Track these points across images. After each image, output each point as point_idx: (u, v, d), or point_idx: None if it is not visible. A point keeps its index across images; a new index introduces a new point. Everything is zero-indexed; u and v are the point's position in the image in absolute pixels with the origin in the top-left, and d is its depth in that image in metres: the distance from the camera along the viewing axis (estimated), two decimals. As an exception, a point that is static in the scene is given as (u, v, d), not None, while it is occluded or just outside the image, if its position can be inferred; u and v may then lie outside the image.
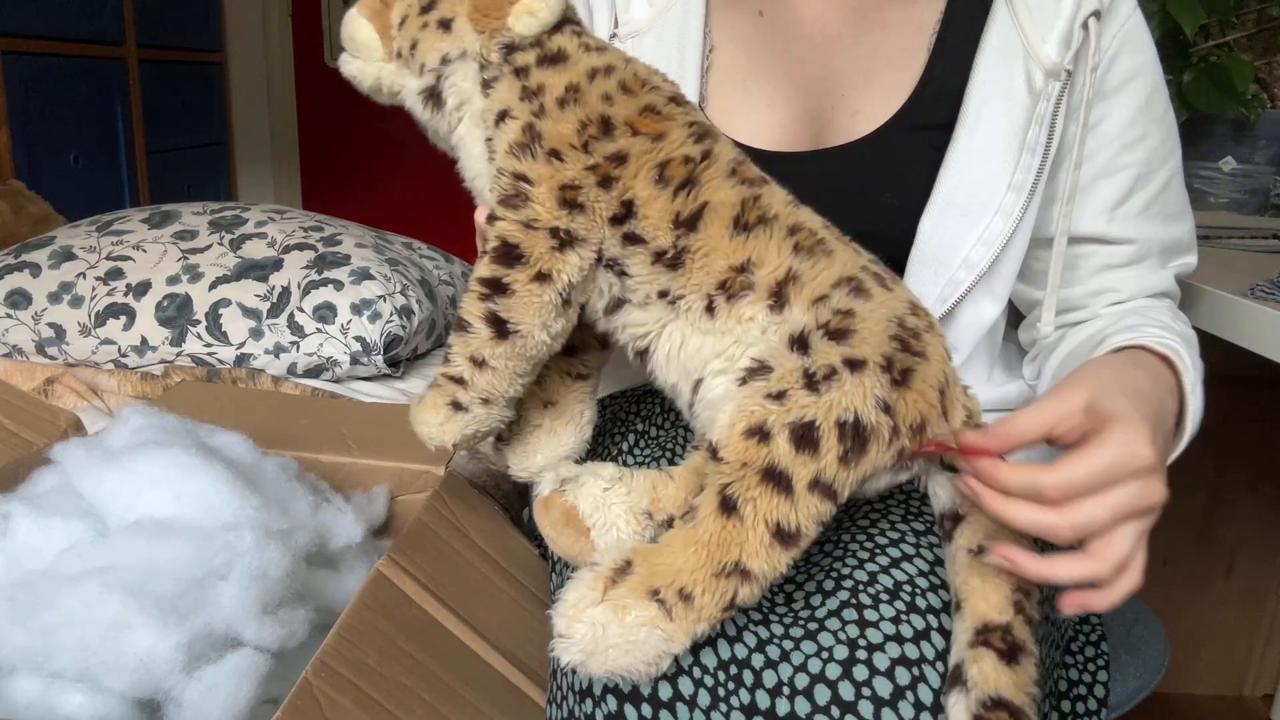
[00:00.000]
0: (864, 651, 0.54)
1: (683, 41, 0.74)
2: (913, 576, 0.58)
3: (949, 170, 0.68)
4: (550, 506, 0.61)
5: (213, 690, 0.52)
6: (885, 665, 0.53)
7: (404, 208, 2.97)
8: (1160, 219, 0.73)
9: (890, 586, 0.57)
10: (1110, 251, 0.72)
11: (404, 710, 0.54)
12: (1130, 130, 0.70)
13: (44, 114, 1.96)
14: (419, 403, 0.62)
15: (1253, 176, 1.29)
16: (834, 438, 0.50)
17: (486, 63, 0.60)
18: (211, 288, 1.28)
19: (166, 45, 2.45)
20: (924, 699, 0.52)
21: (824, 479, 0.50)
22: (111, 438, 0.68)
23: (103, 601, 0.53)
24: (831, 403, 0.50)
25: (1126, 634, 0.82)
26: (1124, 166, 0.71)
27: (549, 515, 0.61)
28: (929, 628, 0.55)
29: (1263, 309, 0.77)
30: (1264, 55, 1.28)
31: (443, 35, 0.60)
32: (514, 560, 0.74)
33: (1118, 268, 0.73)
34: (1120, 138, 0.71)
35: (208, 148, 2.73)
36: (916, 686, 0.52)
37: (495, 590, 0.70)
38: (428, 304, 1.37)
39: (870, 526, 0.64)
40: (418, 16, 0.61)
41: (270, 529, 0.61)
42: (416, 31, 0.61)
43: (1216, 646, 1.59)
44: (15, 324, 1.26)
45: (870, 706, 0.51)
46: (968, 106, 0.68)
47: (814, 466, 0.50)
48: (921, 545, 0.61)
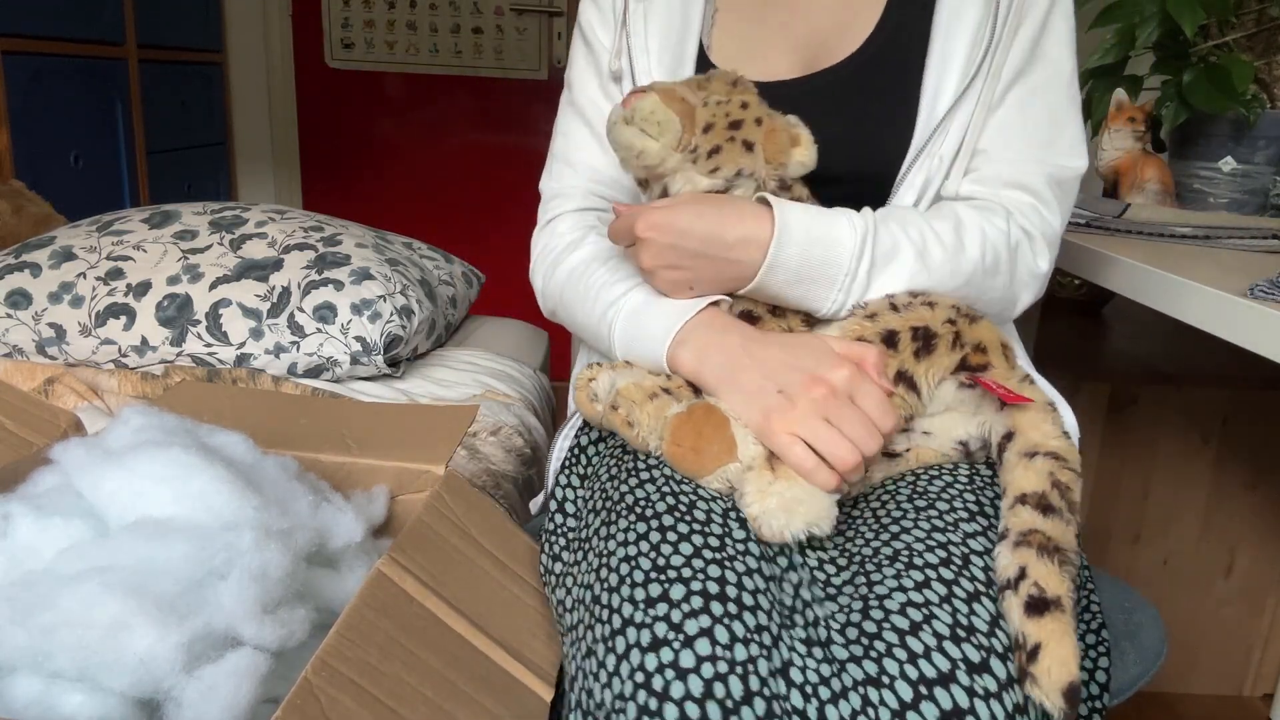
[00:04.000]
0: (875, 599, 0.61)
1: (687, 5, 0.86)
2: (910, 544, 0.64)
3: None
4: (711, 414, 0.68)
5: (213, 690, 0.52)
6: (896, 606, 0.59)
7: (404, 208, 2.97)
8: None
9: (890, 555, 0.64)
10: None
11: (407, 707, 0.54)
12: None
13: (44, 114, 1.96)
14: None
15: (1252, 176, 1.29)
16: (909, 338, 0.69)
17: (763, 185, 0.74)
18: (212, 288, 1.28)
19: (166, 45, 2.45)
20: (941, 631, 0.57)
21: (904, 371, 0.69)
22: (111, 438, 0.68)
23: (102, 601, 0.53)
24: (907, 317, 0.70)
25: (1126, 621, 0.82)
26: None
27: (709, 421, 0.67)
28: (928, 579, 0.61)
29: (1263, 309, 0.77)
30: (1264, 55, 1.28)
31: (745, 154, 0.73)
32: (516, 557, 0.74)
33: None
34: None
35: (208, 148, 2.73)
36: (930, 623, 0.58)
37: (498, 586, 0.70)
38: (428, 304, 1.37)
39: (880, 509, 0.70)
40: (725, 130, 0.73)
41: (270, 529, 0.61)
42: (723, 141, 0.73)
43: (1216, 646, 1.59)
44: (15, 324, 1.26)
45: (894, 635, 0.58)
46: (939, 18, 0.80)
47: (896, 363, 0.69)
48: (920, 519, 0.66)
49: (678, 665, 0.55)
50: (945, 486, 0.70)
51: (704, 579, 0.59)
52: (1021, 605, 0.58)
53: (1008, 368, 0.71)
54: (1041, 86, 0.81)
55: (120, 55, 2.23)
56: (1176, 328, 0.94)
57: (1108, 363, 1.54)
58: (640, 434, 0.70)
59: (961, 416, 0.72)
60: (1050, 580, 0.59)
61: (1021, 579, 0.59)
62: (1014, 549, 0.61)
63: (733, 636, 0.56)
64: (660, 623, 0.57)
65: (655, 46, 0.86)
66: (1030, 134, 0.81)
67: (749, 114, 0.73)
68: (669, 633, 0.57)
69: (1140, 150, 1.40)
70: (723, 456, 0.66)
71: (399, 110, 2.94)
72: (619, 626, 0.59)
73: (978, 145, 0.81)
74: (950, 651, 0.57)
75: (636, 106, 0.72)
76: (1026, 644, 0.57)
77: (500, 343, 1.60)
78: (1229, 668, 1.60)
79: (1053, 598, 0.58)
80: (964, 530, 0.65)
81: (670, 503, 0.65)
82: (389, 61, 2.90)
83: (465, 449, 1.16)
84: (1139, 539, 1.52)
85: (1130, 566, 1.53)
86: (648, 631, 0.57)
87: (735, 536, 0.63)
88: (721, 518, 0.64)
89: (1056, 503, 0.63)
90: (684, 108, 0.72)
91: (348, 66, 2.91)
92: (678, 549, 0.61)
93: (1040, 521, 0.62)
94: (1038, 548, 0.60)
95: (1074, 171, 0.83)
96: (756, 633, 0.57)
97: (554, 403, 1.61)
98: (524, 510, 1.18)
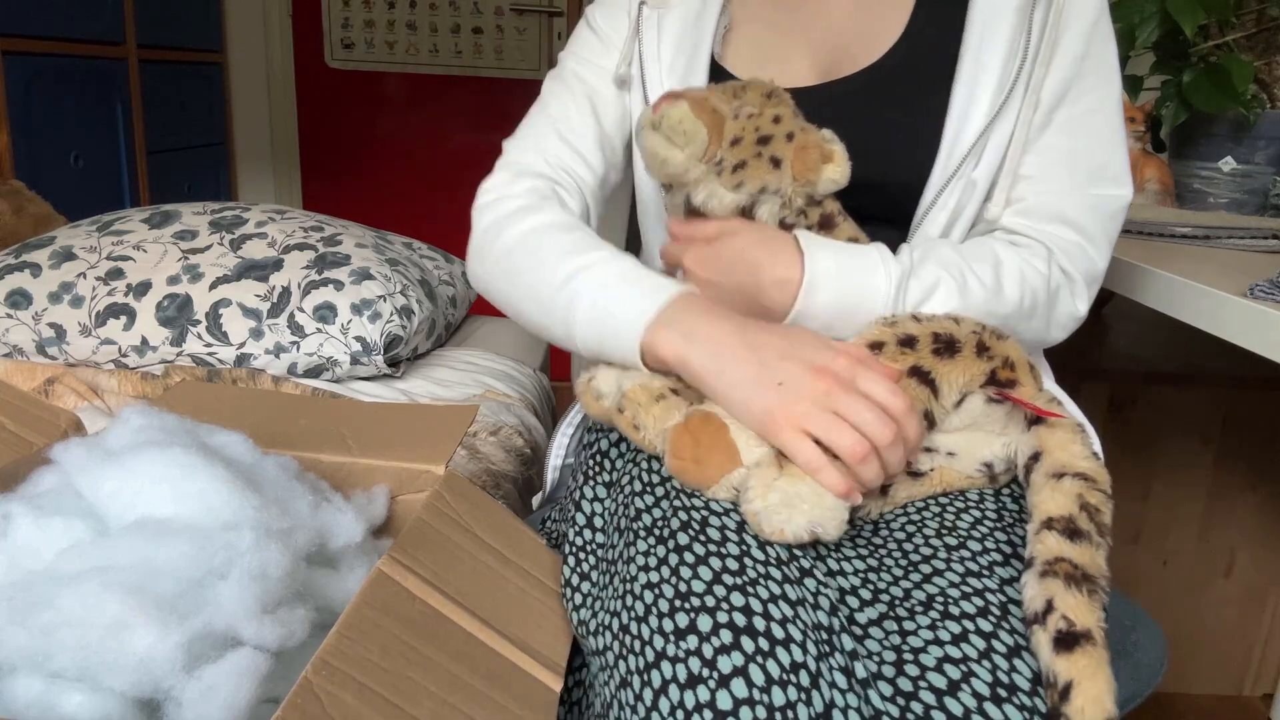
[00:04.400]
0: (909, 653, 0.58)
1: (701, 15, 0.85)
2: (944, 589, 0.61)
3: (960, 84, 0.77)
4: (708, 421, 0.66)
5: (213, 690, 0.52)
6: (933, 663, 0.57)
7: (404, 208, 2.97)
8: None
9: (923, 601, 0.61)
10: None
11: (410, 703, 0.54)
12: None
13: (44, 114, 1.96)
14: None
15: (1252, 176, 1.29)
16: (929, 340, 0.67)
17: (789, 203, 0.73)
18: (212, 288, 1.28)
19: (166, 45, 2.45)
20: (981, 691, 0.55)
21: (921, 368, 0.66)
22: (111, 438, 0.68)
23: (102, 601, 0.53)
24: (930, 326, 0.68)
25: (1123, 640, 0.82)
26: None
27: (706, 429, 0.65)
28: (965, 631, 0.58)
29: (1263, 309, 0.77)
30: (1264, 55, 1.28)
31: (771, 169, 0.71)
32: (520, 551, 0.73)
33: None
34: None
35: (208, 148, 2.73)
36: (970, 681, 0.55)
37: (501, 580, 0.69)
38: (428, 304, 1.37)
39: (905, 541, 0.67)
40: (753, 145, 0.71)
41: (270, 529, 0.61)
42: (750, 157, 0.71)
43: (1216, 646, 1.59)
44: (16, 324, 1.26)
45: (932, 695, 0.55)
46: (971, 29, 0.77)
47: (912, 359, 0.66)
48: (953, 559, 0.63)
49: (715, 706, 0.54)
50: (975, 523, 0.67)
51: (729, 609, 0.57)
52: (1050, 640, 0.56)
53: (1035, 387, 0.69)
54: (1090, 111, 0.78)
55: (120, 55, 2.23)
56: (1176, 328, 0.94)
57: (1108, 363, 1.54)
58: (647, 437, 0.69)
59: (987, 435, 0.69)
60: (1079, 612, 0.56)
61: (1049, 612, 0.57)
62: (1040, 579, 0.59)
63: (769, 679, 0.54)
64: (693, 657, 0.56)
65: (668, 54, 0.85)
66: (1078, 162, 0.78)
67: (780, 128, 0.71)
68: (703, 669, 0.55)
69: (1140, 150, 1.40)
70: (726, 465, 0.64)
71: (399, 110, 2.94)
72: (652, 660, 0.57)
73: (1020, 170, 0.78)
74: (991, 714, 0.54)
75: (666, 113, 0.70)
76: (1058, 683, 0.55)
77: (500, 343, 1.60)
78: (1229, 668, 1.60)
79: (1083, 630, 0.56)
80: (999, 576, 0.62)
81: (684, 519, 0.63)
82: (389, 61, 2.90)
83: (465, 449, 1.16)
84: (1139, 539, 1.52)
85: (1130, 567, 1.53)
86: (683, 667, 0.56)
87: (755, 557, 0.61)
88: (737, 534, 0.62)
89: (1085, 526, 0.61)
90: (713, 119, 0.70)
91: (348, 66, 2.91)
92: (697, 573, 0.59)
93: (1067, 548, 0.59)
94: (1065, 577, 0.58)
95: (1122, 201, 0.79)
96: (793, 671, 0.55)
97: (554, 403, 1.61)
98: (524, 510, 1.18)
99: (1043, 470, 0.64)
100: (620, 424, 0.70)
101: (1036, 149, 0.78)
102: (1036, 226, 0.78)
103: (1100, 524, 0.61)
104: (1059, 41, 0.77)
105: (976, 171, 0.77)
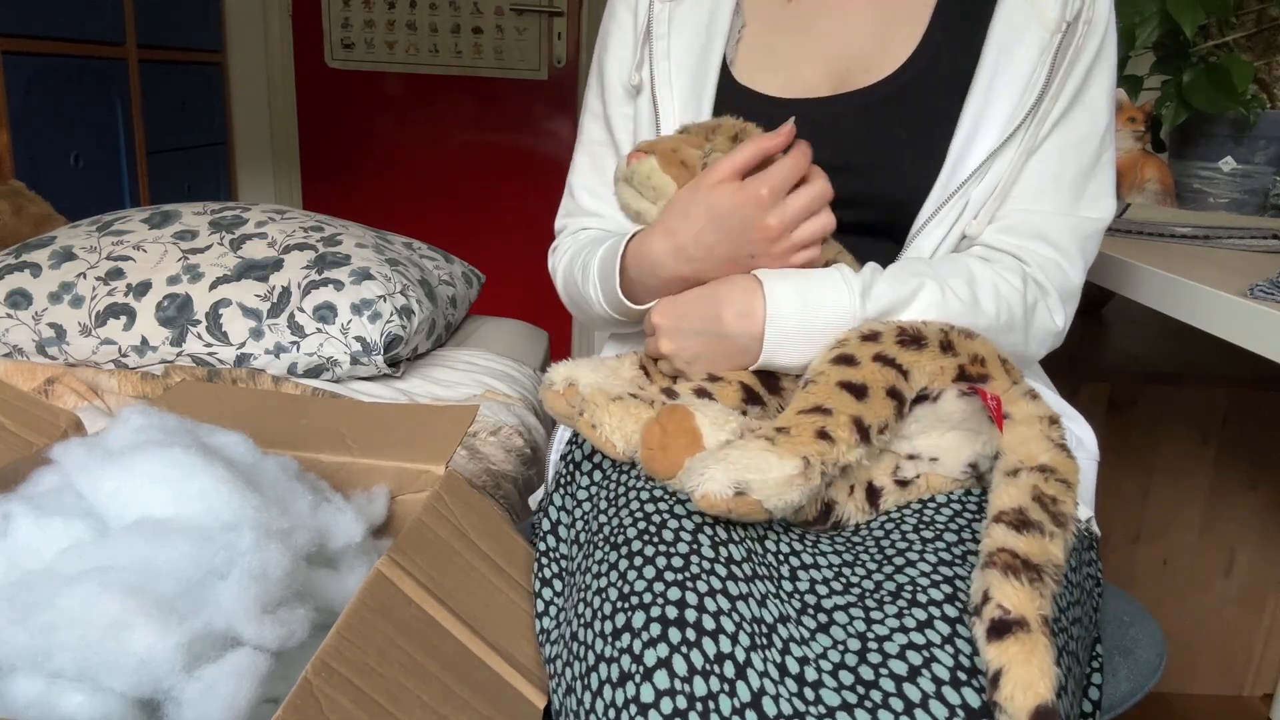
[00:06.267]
0: (874, 641, 0.58)
1: (714, 15, 0.85)
2: (914, 578, 0.61)
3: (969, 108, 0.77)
4: (675, 411, 0.68)
5: (213, 690, 0.52)
6: (896, 650, 0.57)
7: (404, 208, 2.97)
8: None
9: (892, 591, 0.61)
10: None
11: (403, 710, 0.54)
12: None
13: (44, 114, 1.96)
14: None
15: (1252, 176, 1.29)
16: (894, 334, 0.68)
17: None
18: (212, 288, 1.28)
19: (166, 45, 2.45)
20: (941, 675, 0.55)
21: (885, 354, 0.67)
22: (111, 438, 0.68)
23: (102, 601, 0.53)
24: (894, 324, 0.69)
25: (1122, 636, 0.82)
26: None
27: (673, 418, 0.67)
28: (931, 618, 0.58)
29: (1263, 309, 0.77)
30: (1264, 55, 1.28)
31: None
32: (512, 560, 0.74)
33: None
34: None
35: (208, 148, 2.73)
36: (930, 666, 0.55)
37: (494, 590, 0.70)
38: (428, 304, 1.37)
39: (884, 538, 0.67)
40: None
41: (270, 529, 0.61)
42: None
43: (1216, 646, 1.59)
44: (15, 324, 1.26)
45: (891, 683, 0.55)
46: (986, 55, 0.77)
47: (876, 348, 0.67)
48: (926, 551, 0.63)
49: (639, 700, 0.54)
50: (954, 515, 0.68)
51: (663, 603, 0.57)
52: (984, 630, 0.55)
53: (1008, 381, 0.69)
54: (1082, 138, 0.78)
55: (120, 55, 2.23)
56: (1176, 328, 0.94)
57: (1108, 363, 1.54)
58: (604, 434, 0.70)
59: (968, 436, 0.70)
60: (1016, 599, 0.56)
61: (985, 603, 0.56)
62: (981, 571, 0.58)
63: (690, 668, 0.54)
64: (625, 655, 0.56)
65: (678, 57, 0.85)
66: (1063, 186, 0.78)
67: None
68: (632, 665, 0.55)
69: (1140, 150, 1.40)
70: (690, 449, 0.66)
71: (399, 110, 2.94)
72: (592, 663, 0.58)
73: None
74: (949, 698, 0.54)
75: (635, 168, 0.74)
76: (989, 671, 0.54)
77: (500, 343, 1.60)
78: (1229, 668, 1.60)
79: (1016, 618, 0.55)
80: (972, 563, 0.62)
81: (641, 527, 0.63)
82: (389, 61, 2.90)
83: (465, 449, 1.16)
84: (1139, 539, 1.52)
85: (1130, 567, 1.53)
86: (616, 666, 0.56)
87: (704, 554, 0.60)
88: (691, 535, 0.62)
89: (1036, 516, 0.60)
90: (681, 173, 0.73)
91: (348, 66, 2.91)
92: (641, 573, 0.60)
93: (1013, 539, 0.59)
94: (1003, 567, 0.57)
95: (1103, 223, 0.80)
96: (717, 662, 0.55)
97: (554, 403, 1.61)
98: (524, 509, 1.19)
99: (999, 469, 0.65)
100: (579, 426, 0.73)
101: (1027, 170, 0.78)
102: (1014, 242, 0.78)
103: (1057, 514, 0.61)
104: (1071, 71, 0.77)
105: (976, 191, 0.77)
